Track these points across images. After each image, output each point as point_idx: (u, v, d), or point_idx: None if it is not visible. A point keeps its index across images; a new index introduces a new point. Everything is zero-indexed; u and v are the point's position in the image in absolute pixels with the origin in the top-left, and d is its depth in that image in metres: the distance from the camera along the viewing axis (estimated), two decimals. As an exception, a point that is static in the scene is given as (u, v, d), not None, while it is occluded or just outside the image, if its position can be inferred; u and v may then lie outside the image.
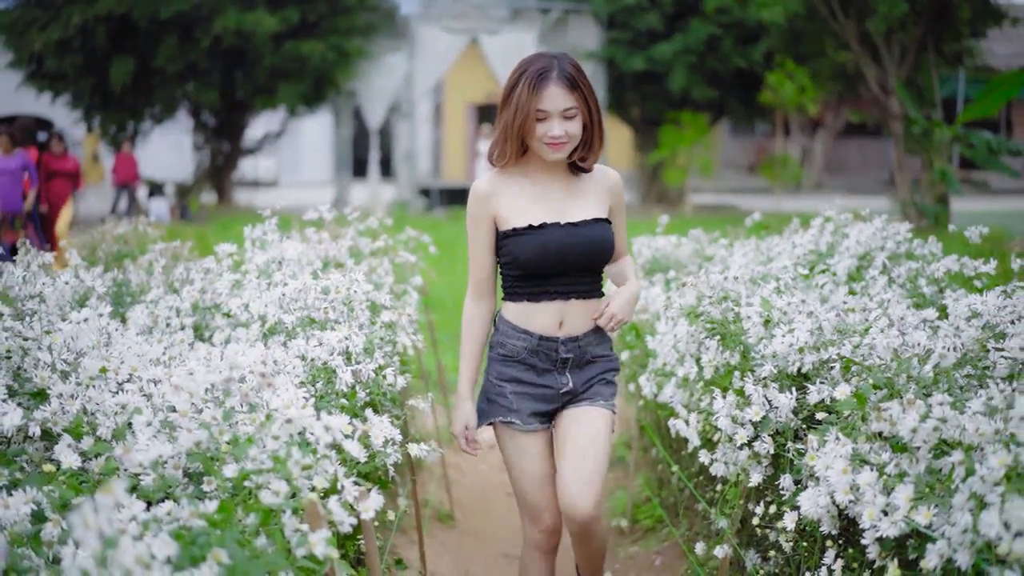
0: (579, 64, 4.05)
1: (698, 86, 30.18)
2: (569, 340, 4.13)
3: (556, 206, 4.12)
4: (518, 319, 4.14)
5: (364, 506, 3.19)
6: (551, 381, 4.16)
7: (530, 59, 4.03)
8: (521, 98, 3.95)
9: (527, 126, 3.98)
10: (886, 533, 3.03)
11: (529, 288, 4.11)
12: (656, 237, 7.48)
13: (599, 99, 4.05)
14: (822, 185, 40.94)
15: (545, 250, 4.04)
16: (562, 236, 4.06)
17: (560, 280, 4.09)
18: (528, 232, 4.06)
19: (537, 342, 4.12)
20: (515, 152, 4.04)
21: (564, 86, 3.95)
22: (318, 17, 28.11)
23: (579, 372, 4.19)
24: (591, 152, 4.12)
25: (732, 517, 4.40)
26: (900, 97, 22.34)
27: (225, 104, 28.98)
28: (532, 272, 4.08)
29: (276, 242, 5.78)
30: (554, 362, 4.14)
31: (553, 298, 4.10)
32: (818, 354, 4.10)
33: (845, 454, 3.32)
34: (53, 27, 25.92)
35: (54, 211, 15.01)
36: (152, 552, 2.41)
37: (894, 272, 5.67)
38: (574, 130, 4.00)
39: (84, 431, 3.44)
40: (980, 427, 3.03)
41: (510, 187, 4.12)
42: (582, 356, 4.17)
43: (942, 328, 3.99)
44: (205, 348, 4.48)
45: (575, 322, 4.14)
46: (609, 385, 4.26)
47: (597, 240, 4.10)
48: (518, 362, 4.15)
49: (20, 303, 4.78)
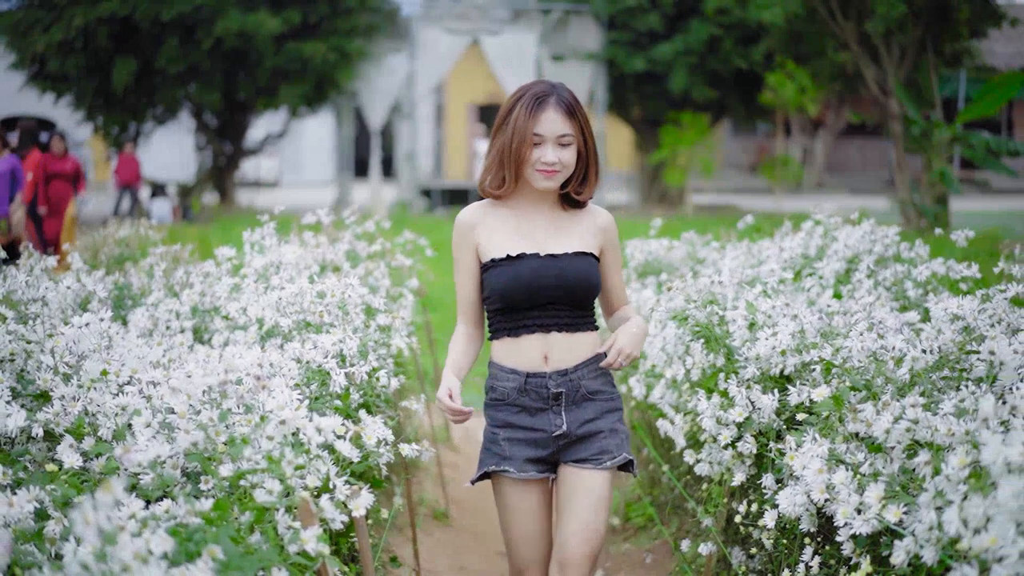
0: (576, 97, 3.93)
1: (698, 86, 30.28)
2: (558, 374, 3.91)
3: (539, 238, 3.95)
4: (504, 358, 3.95)
5: (355, 504, 3.30)
6: (544, 423, 3.92)
7: (529, 84, 3.92)
8: (518, 121, 3.81)
9: (524, 150, 3.82)
10: (859, 530, 3.14)
11: (509, 323, 3.93)
12: (648, 240, 7.58)
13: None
14: (823, 185, 41.01)
15: (518, 280, 3.87)
16: (536, 267, 3.88)
17: (539, 313, 3.90)
18: (504, 263, 3.89)
19: (525, 379, 3.91)
20: (513, 179, 3.87)
21: (562, 112, 3.83)
22: (319, 18, 28.21)
23: (575, 410, 3.93)
24: (586, 185, 3.96)
25: (717, 516, 4.51)
26: (899, 97, 22.42)
27: (227, 105, 29.09)
28: (508, 304, 3.90)
29: (274, 246, 5.89)
30: (546, 399, 3.91)
31: (533, 331, 3.90)
32: (800, 356, 4.21)
33: (821, 454, 3.43)
34: (55, 28, 26.01)
35: (54, 213, 14.91)
36: (150, 548, 2.51)
37: (880, 275, 5.77)
38: (568, 159, 3.85)
39: (86, 432, 3.53)
40: (951, 428, 3.15)
41: (494, 218, 3.97)
42: (575, 391, 3.92)
43: (925, 331, 4.10)
44: (204, 351, 4.60)
45: (562, 355, 3.92)
46: (615, 435, 3.98)
47: (574, 273, 3.90)
48: (509, 404, 3.94)
49: (24, 306, 4.89)
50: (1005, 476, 2.47)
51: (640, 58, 30.37)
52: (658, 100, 31.62)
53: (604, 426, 3.95)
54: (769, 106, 32.61)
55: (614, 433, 3.96)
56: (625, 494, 6.69)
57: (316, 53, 27.33)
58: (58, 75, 27.02)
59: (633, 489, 6.67)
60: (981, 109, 21.31)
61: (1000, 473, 2.50)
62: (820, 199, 29.69)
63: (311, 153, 47.73)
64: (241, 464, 3.13)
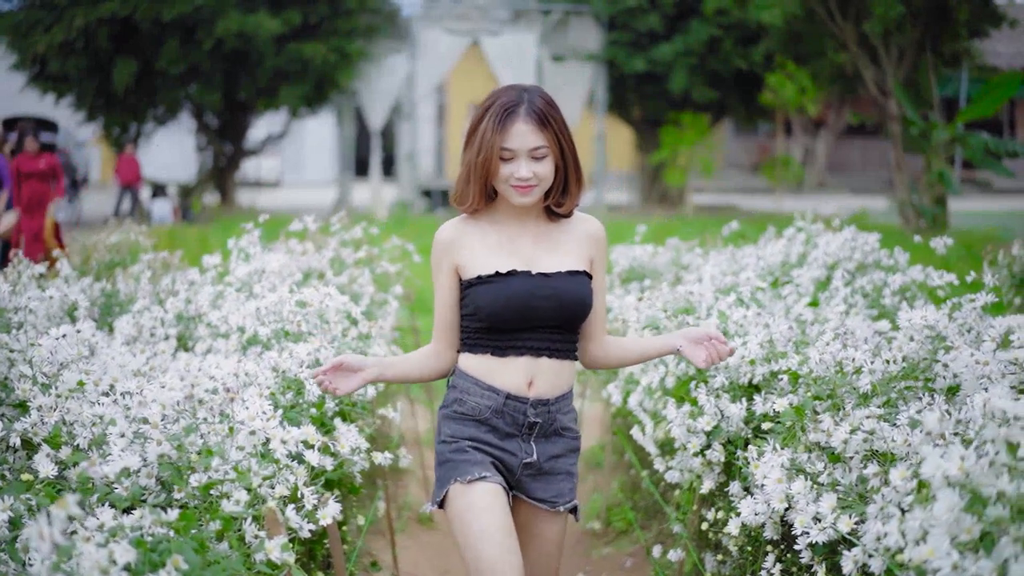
0: (551, 99, 3.62)
1: (698, 87, 30.37)
2: (539, 403, 3.60)
3: (525, 255, 3.64)
4: (482, 374, 3.61)
5: (322, 513, 3.38)
6: (514, 448, 3.61)
7: (498, 92, 3.61)
8: (485, 135, 3.52)
9: (491, 167, 3.53)
10: (816, 539, 3.21)
11: (494, 342, 3.61)
12: (633, 246, 7.65)
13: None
14: (825, 185, 41.05)
15: (510, 301, 3.55)
16: (530, 287, 3.57)
17: (528, 335, 3.59)
18: (493, 280, 3.58)
19: (504, 401, 3.58)
20: (478, 195, 3.59)
21: (533, 123, 3.52)
22: (319, 19, 28.29)
23: (544, 443, 3.65)
24: (568, 196, 3.66)
25: (688, 522, 4.58)
26: (898, 98, 22.49)
27: (227, 105, 29.19)
28: (496, 325, 3.58)
29: (258, 254, 5.96)
30: (520, 426, 3.61)
31: (521, 353, 3.59)
32: (768, 366, 4.28)
33: (780, 464, 3.51)
34: (56, 29, 26.11)
35: (28, 214, 14.47)
36: (113, 558, 2.59)
37: (857, 282, 5.84)
38: (543, 172, 3.54)
39: (63, 441, 3.61)
40: (907, 439, 3.23)
41: (475, 233, 3.66)
42: (550, 424, 3.64)
43: (896, 339, 4.17)
44: (186, 358, 4.68)
45: (547, 384, 3.62)
46: (570, 478, 3.71)
47: (571, 294, 3.61)
48: (479, 422, 3.60)
49: (9, 315, 4.96)
50: (943, 490, 2.54)
51: (640, 58, 30.46)
52: (658, 100, 31.71)
53: (563, 467, 3.69)
54: (769, 106, 32.68)
55: (570, 477, 3.72)
56: (607, 499, 6.77)
57: (316, 54, 27.42)
58: (59, 76, 27.12)
59: (615, 494, 6.75)
60: (980, 110, 21.38)
61: (939, 487, 2.57)
62: (821, 199, 29.78)
63: (312, 153, 47.88)
64: (212, 474, 3.21)
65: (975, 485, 2.57)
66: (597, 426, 8.14)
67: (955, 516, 2.49)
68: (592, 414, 8.23)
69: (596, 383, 7.48)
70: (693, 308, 5.09)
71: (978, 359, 3.77)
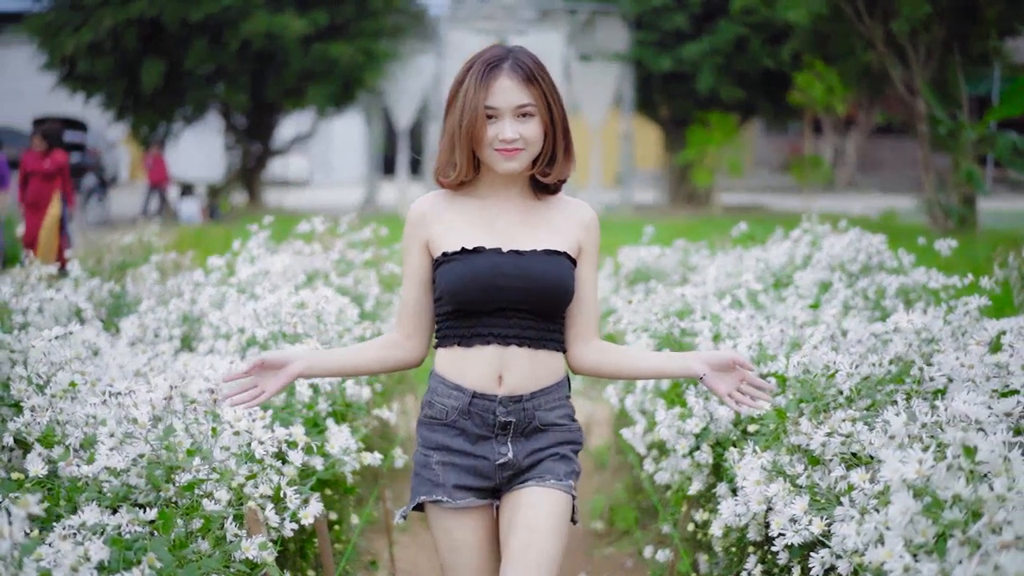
0: (539, 60, 3.32)
1: (726, 86, 30.28)
2: (510, 400, 3.29)
3: (504, 232, 3.34)
4: (449, 371, 3.32)
5: (304, 513, 3.43)
6: (487, 451, 3.31)
7: (482, 51, 3.34)
8: (468, 95, 3.25)
9: (476, 129, 3.25)
10: (791, 540, 3.25)
11: (460, 329, 3.31)
12: (639, 247, 7.68)
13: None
14: (855, 184, 40.89)
15: (472, 280, 3.25)
16: (497, 264, 3.26)
17: (496, 320, 3.28)
18: (458, 257, 3.28)
19: (470, 400, 3.29)
20: (466, 164, 3.30)
21: (519, 78, 3.24)
22: (346, 19, 28.37)
23: (523, 442, 3.34)
24: (554, 165, 3.34)
25: (680, 523, 4.62)
26: (926, 97, 22.38)
27: (255, 105, 29.30)
28: (461, 307, 3.28)
29: (263, 256, 6.03)
30: (491, 427, 3.30)
31: (487, 342, 3.28)
32: (758, 368, 4.31)
33: (758, 466, 3.54)
34: (85, 30, 26.28)
35: (32, 211, 14.25)
36: (87, 555, 2.66)
37: (859, 284, 5.85)
38: (530, 133, 3.24)
39: (56, 441, 3.67)
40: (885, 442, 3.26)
41: (451, 208, 3.39)
42: (528, 422, 3.32)
43: (893, 342, 4.20)
44: (183, 359, 4.74)
45: (518, 377, 3.30)
46: (564, 461, 3.37)
47: (544, 275, 3.28)
48: (447, 425, 3.32)
49: (16, 315, 5.04)
50: (898, 493, 2.58)
51: (667, 58, 30.41)
52: (686, 100, 31.65)
53: (552, 453, 3.35)
54: (798, 106, 32.57)
55: (564, 460, 3.37)
56: (610, 499, 6.80)
57: (343, 54, 27.50)
58: (88, 76, 27.29)
59: (618, 494, 6.78)
60: (1010, 109, 21.25)
61: (897, 490, 2.61)
62: (851, 199, 29.67)
63: (341, 153, 48.05)
64: (197, 474, 3.27)
65: (932, 488, 2.61)
66: (604, 427, 8.18)
67: (909, 519, 2.53)
68: (600, 415, 8.27)
69: (600, 383, 7.51)
70: (690, 310, 5.12)
71: (963, 362, 3.80)
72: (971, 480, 2.62)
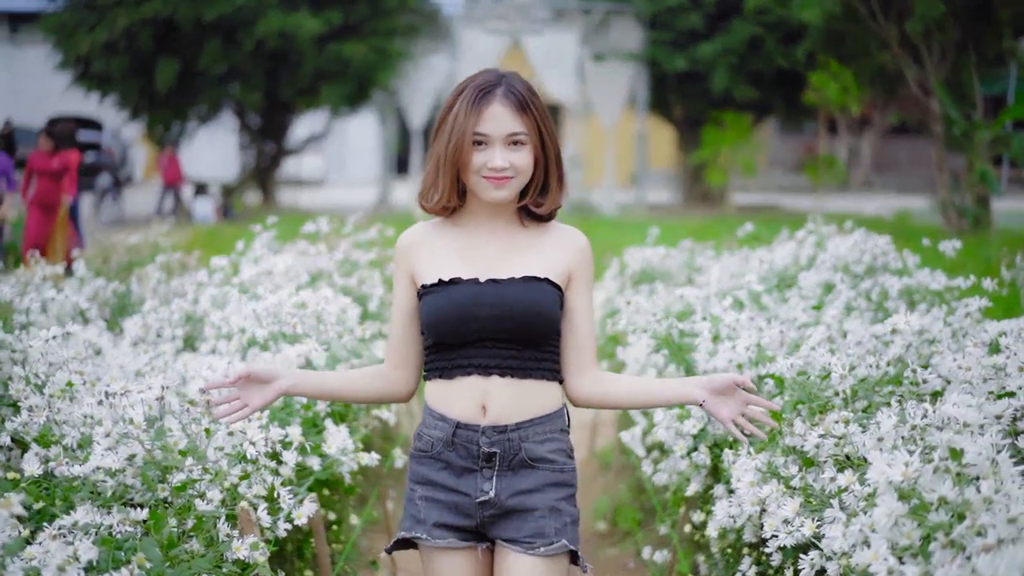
0: (532, 86, 3.23)
1: (740, 86, 30.24)
2: (493, 429, 3.18)
3: (485, 261, 3.24)
4: (436, 402, 3.24)
5: (298, 513, 3.44)
6: (469, 486, 3.19)
7: (474, 75, 3.24)
8: (457, 120, 3.13)
9: (463, 154, 3.13)
10: (784, 542, 3.25)
11: (442, 361, 3.22)
12: (644, 248, 7.68)
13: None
14: (870, 184, 40.80)
15: (452, 310, 3.17)
16: (473, 294, 3.17)
17: (477, 351, 3.18)
18: (436, 289, 3.20)
19: (453, 431, 3.19)
20: (449, 191, 3.19)
21: (511, 106, 3.14)
22: (360, 19, 28.40)
23: (509, 477, 3.20)
24: (547, 195, 3.25)
25: (678, 524, 4.62)
26: (940, 98, 22.33)
27: (269, 105, 29.35)
28: (439, 339, 3.20)
29: (266, 256, 6.04)
30: (475, 458, 3.19)
31: (468, 373, 3.19)
32: (756, 369, 4.31)
33: (753, 467, 3.54)
34: (100, 29, 26.38)
35: (37, 212, 14.09)
36: (76, 555, 2.67)
37: (862, 286, 5.84)
38: (521, 162, 3.14)
39: (54, 440, 3.69)
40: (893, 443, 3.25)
41: (439, 238, 3.29)
42: (513, 454, 3.19)
43: (894, 343, 4.20)
44: (183, 359, 4.76)
45: (504, 407, 3.18)
46: (555, 515, 3.21)
47: (520, 302, 3.17)
48: (432, 458, 3.22)
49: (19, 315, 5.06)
50: (884, 495, 2.58)
51: (681, 58, 30.38)
52: (700, 100, 31.63)
53: (542, 503, 3.20)
54: (812, 105, 32.52)
55: (555, 514, 3.21)
56: (614, 500, 6.80)
57: (357, 54, 27.53)
58: (103, 75, 27.38)
59: (623, 494, 6.79)
60: (1022, 110, 21.23)
61: (883, 492, 2.61)
62: (865, 199, 29.59)
63: (355, 152, 48.09)
64: (190, 474, 3.28)
65: (920, 491, 2.61)
66: (609, 427, 8.18)
67: (894, 521, 2.53)
68: (606, 415, 8.27)
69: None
70: (691, 311, 5.12)
71: (960, 364, 3.80)
72: (958, 483, 2.62)
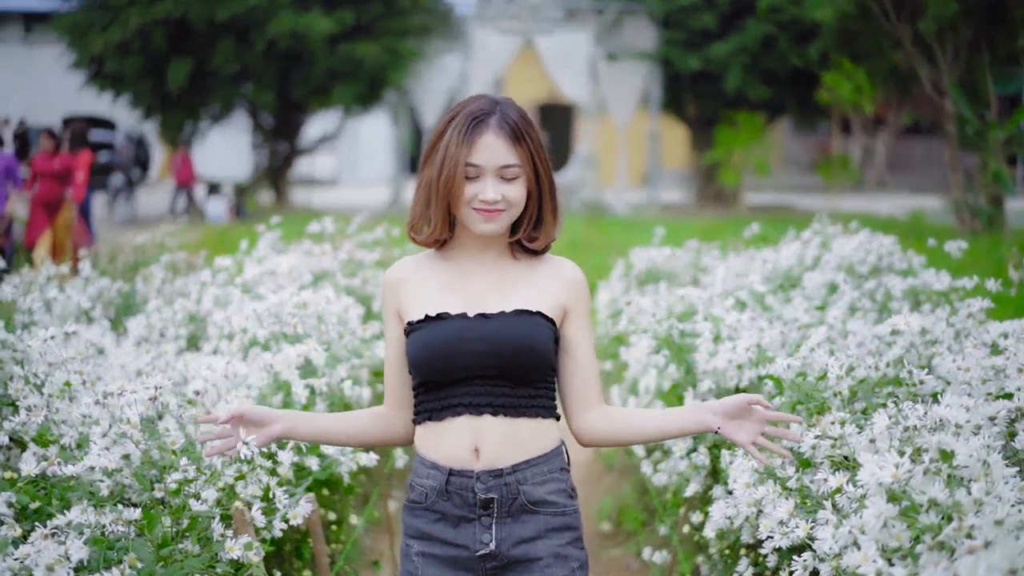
0: (527, 115, 3.04)
1: (753, 85, 30.18)
2: (489, 474, 2.96)
3: (475, 296, 3.04)
4: (426, 448, 3.03)
5: (293, 513, 3.45)
6: (467, 538, 2.97)
7: (465, 101, 3.06)
8: (449, 149, 2.96)
9: (455, 185, 2.94)
10: (779, 543, 3.24)
11: (431, 402, 3.02)
12: (649, 248, 7.67)
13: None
14: (885, 184, 40.70)
15: (437, 347, 2.97)
16: (458, 330, 2.98)
17: (466, 389, 2.98)
18: (422, 326, 3.00)
19: (447, 478, 2.97)
20: (441, 222, 2.99)
21: (505, 137, 2.97)
22: (373, 19, 28.44)
23: (509, 524, 2.98)
24: (541, 229, 3.08)
25: (678, 525, 4.62)
26: (953, 97, 22.28)
27: (281, 104, 29.40)
28: (427, 378, 3.00)
29: (270, 256, 6.05)
30: (472, 506, 2.97)
31: (458, 413, 2.98)
32: (756, 370, 4.30)
33: (749, 468, 3.54)
34: (113, 29, 26.48)
35: (40, 212, 14.09)
36: (67, 554, 2.68)
37: (866, 286, 5.83)
38: (513, 195, 2.98)
39: (52, 440, 3.70)
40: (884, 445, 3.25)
41: (428, 272, 3.08)
42: (512, 498, 2.97)
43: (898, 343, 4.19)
44: (183, 359, 4.77)
45: (497, 448, 2.97)
46: (561, 562, 3.01)
47: (509, 336, 2.98)
48: (427, 509, 3.00)
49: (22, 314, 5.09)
50: (873, 497, 2.58)
51: (695, 57, 30.33)
52: (713, 99, 31.58)
53: (545, 550, 2.99)
54: (826, 105, 32.46)
55: (560, 561, 3.02)
56: (619, 500, 6.80)
57: (369, 53, 27.56)
58: (116, 75, 27.49)
59: (627, 495, 6.78)
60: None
61: (874, 494, 2.61)
62: (879, 198, 29.52)
63: (368, 152, 48.11)
64: (184, 474, 3.29)
65: (910, 492, 2.60)
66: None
67: (883, 523, 2.52)
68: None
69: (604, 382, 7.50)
70: (693, 311, 5.11)
71: (959, 365, 3.80)
72: (950, 484, 2.61)
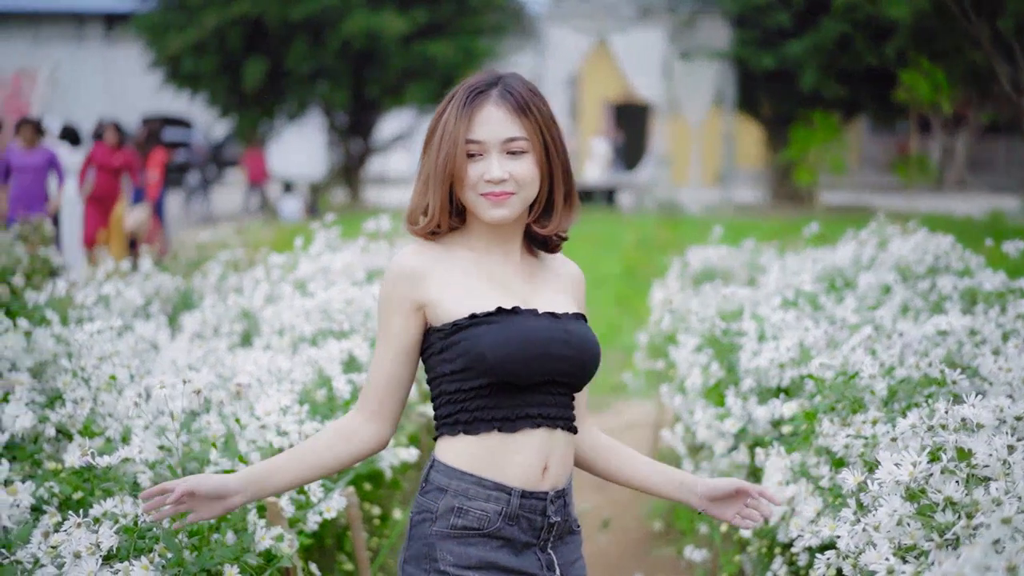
0: (535, 88, 2.74)
1: (829, 84, 29.91)
2: (557, 496, 2.70)
3: (522, 294, 2.72)
4: (483, 467, 2.63)
5: (326, 507, 3.50)
6: (531, 564, 2.67)
7: (469, 78, 2.77)
8: (447, 126, 2.66)
9: (455, 166, 2.63)
10: (808, 542, 3.25)
11: (502, 409, 2.64)
12: (706, 247, 7.66)
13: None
14: (965, 183, 40.17)
15: (526, 346, 2.61)
16: (546, 328, 2.66)
17: (542, 398, 2.66)
18: (497, 319, 2.62)
19: (519, 503, 2.63)
20: (440, 210, 2.66)
21: (508, 108, 2.66)
22: (446, 18, 28.55)
23: (560, 549, 2.73)
24: (551, 216, 2.75)
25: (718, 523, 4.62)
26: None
27: (356, 103, 29.58)
28: (505, 380, 2.61)
29: (323, 253, 6.13)
30: (538, 531, 2.68)
31: (536, 425, 2.65)
32: (798, 369, 4.29)
33: (783, 467, 3.54)
34: (190, 30, 26.86)
35: (93, 206, 14.16)
36: (98, 543, 2.74)
37: (920, 286, 5.79)
38: (522, 172, 2.65)
39: (98, 432, 3.79)
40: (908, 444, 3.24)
41: (450, 262, 2.71)
42: (565, 521, 2.74)
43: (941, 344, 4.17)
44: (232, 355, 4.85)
45: (559, 467, 2.71)
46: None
47: (589, 343, 2.71)
48: (487, 536, 2.63)
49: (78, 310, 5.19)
50: (889, 495, 2.58)
51: (769, 56, 30.12)
52: (788, 98, 31.35)
53: (581, 571, 2.82)
54: (904, 104, 32.10)
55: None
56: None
57: (442, 53, 27.67)
58: (193, 74, 27.86)
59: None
60: (1118, 109, 20.81)
61: (889, 492, 2.61)
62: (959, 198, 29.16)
63: (443, 150, 48.24)
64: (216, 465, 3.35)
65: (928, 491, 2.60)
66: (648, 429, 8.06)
67: (897, 521, 2.52)
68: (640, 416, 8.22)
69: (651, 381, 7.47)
70: (741, 310, 5.11)
71: (1001, 365, 3.77)
72: (969, 483, 2.61)
